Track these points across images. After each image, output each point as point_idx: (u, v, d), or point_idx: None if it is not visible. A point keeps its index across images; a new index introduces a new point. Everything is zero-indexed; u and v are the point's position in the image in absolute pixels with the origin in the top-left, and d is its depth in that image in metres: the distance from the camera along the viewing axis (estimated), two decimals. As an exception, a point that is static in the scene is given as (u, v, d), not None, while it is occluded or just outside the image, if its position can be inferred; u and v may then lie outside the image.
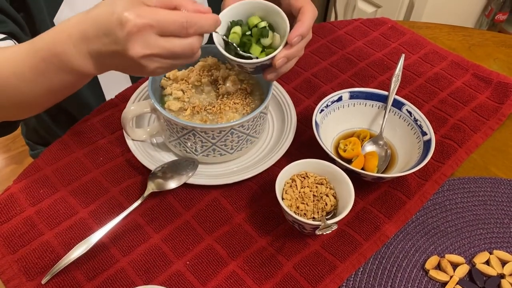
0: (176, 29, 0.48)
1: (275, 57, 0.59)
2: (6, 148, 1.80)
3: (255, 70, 0.62)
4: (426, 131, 0.70)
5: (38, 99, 0.58)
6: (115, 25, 0.47)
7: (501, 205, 0.69)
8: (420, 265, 0.62)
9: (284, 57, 0.59)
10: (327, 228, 0.56)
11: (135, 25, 0.46)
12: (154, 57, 0.49)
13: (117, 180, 0.69)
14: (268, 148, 0.73)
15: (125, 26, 0.46)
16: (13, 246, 0.61)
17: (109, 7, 0.48)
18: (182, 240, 0.63)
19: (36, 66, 0.53)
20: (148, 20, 0.47)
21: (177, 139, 0.67)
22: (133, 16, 0.46)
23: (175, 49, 0.49)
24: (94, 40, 0.49)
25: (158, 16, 0.47)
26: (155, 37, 0.48)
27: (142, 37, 0.47)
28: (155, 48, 0.48)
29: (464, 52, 0.96)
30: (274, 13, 0.62)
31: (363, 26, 0.99)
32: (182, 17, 0.48)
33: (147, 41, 0.48)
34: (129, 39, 0.47)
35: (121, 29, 0.47)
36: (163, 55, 0.49)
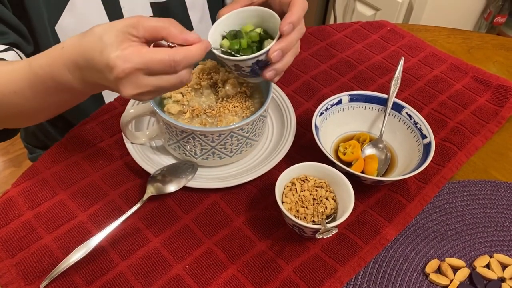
0: (164, 69, 0.49)
1: (269, 51, 0.58)
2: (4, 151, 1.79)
3: (252, 70, 0.61)
4: (426, 134, 0.70)
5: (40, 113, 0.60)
6: (104, 68, 0.48)
7: (501, 208, 0.69)
8: (420, 269, 0.62)
9: (279, 50, 0.58)
10: (327, 232, 0.56)
11: (123, 70, 0.47)
12: (145, 93, 0.51)
13: (116, 183, 0.68)
14: (268, 151, 0.72)
15: (113, 71, 0.48)
16: (12, 250, 0.61)
17: (98, 42, 0.48)
18: (181, 244, 0.62)
19: (35, 86, 0.54)
20: (134, 64, 0.48)
21: (176, 142, 0.67)
22: (120, 62, 0.47)
23: (165, 85, 0.51)
24: (87, 71, 0.50)
25: (145, 59, 0.48)
26: (143, 78, 0.49)
27: (131, 80, 0.49)
28: (145, 87, 0.50)
29: (463, 55, 0.96)
30: (268, 17, 0.62)
31: (362, 29, 0.99)
32: (169, 56, 0.49)
33: (137, 82, 0.49)
34: (118, 83, 0.49)
35: (110, 72, 0.48)
36: (154, 91, 0.51)
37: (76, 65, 0.50)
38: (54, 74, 0.52)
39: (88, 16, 0.73)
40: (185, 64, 0.50)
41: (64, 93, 0.54)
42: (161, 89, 0.51)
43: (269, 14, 0.62)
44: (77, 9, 0.72)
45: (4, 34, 0.64)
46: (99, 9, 0.74)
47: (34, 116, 0.61)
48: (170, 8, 0.82)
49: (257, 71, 0.62)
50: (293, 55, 0.62)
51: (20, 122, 0.65)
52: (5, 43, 0.63)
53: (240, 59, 0.59)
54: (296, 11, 0.59)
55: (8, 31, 0.64)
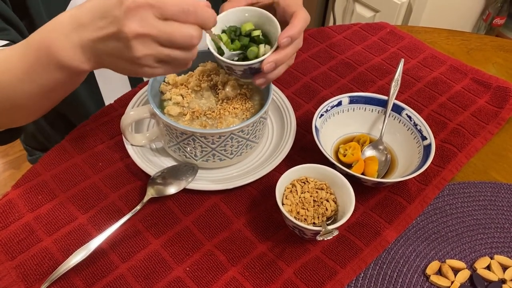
0: (177, 13, 0.46)
1: (263, 61, 0.59)
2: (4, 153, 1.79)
3: (243, 73, 0.62)
4: (426, 135, 0.70)
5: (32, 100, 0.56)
6: (113, 5, 0.45)
7: (501, 209, 0.69)
8: (421, 271, 0.62)
9: (272, 62, 0.58)
10: (328, 234, 0.56)
11: (134, 1, 0.44)
12: (149, 39, 0.46)
13: (116, 185, 0.68)
14: (268, 153, 0.72)
15: (123, 3, 0.45)
16: (12, 252, 0.60)
17: None
18: (181, 246, 0.62)
19: (28, 63, 0.51)
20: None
21: (176, 144, 0.67)
22: None
23: (174, 34, 0.46)
24: (88, 27, 0.47)
25: None
26: (153, 18, 0.45)
27: (139, 15, 0.45)
28: (152, 28, 0.45)
29: (462, 57, 0.96)
30: (268, 21, 0.62)
31: (361, 31, 0.99)
32: (184, 2, 0.46)
33: (145, 19, 0.45)
34: (126, 16, 0.45)
35: (120, 6, 0.45)
36: (160, 39, 0.46)
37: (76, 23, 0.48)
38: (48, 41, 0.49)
39: None
40: (197, 18, 0.47)
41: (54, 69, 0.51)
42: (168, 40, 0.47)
43: (270, 19, 0.62)
44: None
45: (5, 30, 0.63)
46: None
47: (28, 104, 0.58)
48: None
49: (248, 75, 0.63)
50: (286, 67, 0.62)
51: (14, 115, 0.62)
52: (5, 39, 0.63)
53: (233, 63, 0.60)
54: (297, 25, 0.59)
55: (9, 28, 0.64)
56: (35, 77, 0.52)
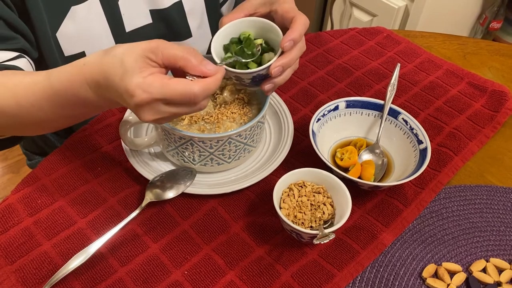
0: (184, 101, 0.50)
1: (271, 66, 0.60)
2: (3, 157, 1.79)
3: (252, 81, 0.63)
4: (422, 139, 0.71)
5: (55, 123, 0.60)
6: (124, 92, 0.49)
7: (497, 213, 0.70)
8: (417, 274, 0.62)
9: (279, 66, 0.60)
10: (325, 238, 0.56)
11: (142, 100, 0.48)
12: (164, 119, 0.52)
13: (115, 190, 0.69)
14: (266, 157, 0.73)
15: (132, 98, 0.48)
16: (11, 256, 0.61)
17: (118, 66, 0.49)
18: (180, 249, 0.63)
19: (53, 100, 0.54)
20: (154, 95, 0.48)
21: (175, 149, 0.67)
22: (140, 91, 0.48)
23: (184, 112, 0.52)
24: (107, 90, 0.51)
25: (164, 91, 0.48)
26: (163, 106, 0.50)
27: (150, 107, 0.50)
28: (164, 114, 0.51)
29: (459, 61, 0.97)
30: (270, 29, 0.63)
31: (358, 36, 1.00)
32: (189, 90, 0.49)
33: (157, 110, 0.50)
34: (138, 109, 0.50)
35: (130, 98, 0.49)
36: (173, 117, 0.53)
37: (97, 83, 0.51)
38: (74, 90, 0.52)
39: (89, 23, 0.74)
40: (204, 97, 0.51)
41: (83, 107, 0.55)
42: (180, 115, 0.53)
43: (271, 26, 0.63)
44: (78, 16, 0.72)
45: (14, 39, 0.64)
46: (100, 16, 0.74)
47: (48, 126, 0.62)
48: (170, 15, 0.83)
49: (256, 83, 0.64)
50: (292, 71, 0.64)
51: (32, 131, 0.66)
52: (15, 48, 0.64)
53: (242, 72, 0.60)
54: (297, 28, 0.60)
55: (17, 36, 0.65)
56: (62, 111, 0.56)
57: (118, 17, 0.77)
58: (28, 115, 0.57)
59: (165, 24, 0.83)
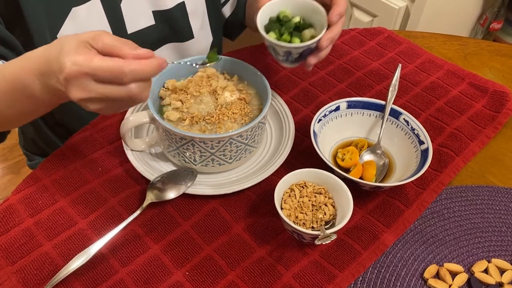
0: (111, 78, 0.50)
1: (321, 39, 0.64)
2: (3, 157, 1.79)
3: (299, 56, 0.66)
4: (423, 140, 0.71)
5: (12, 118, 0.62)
6: (57, 69, 0.50)
7: (498, 213, 0.69)
8: (419, 274, 0.62)
9: (328, 39, 0.64)
10: (326, 238, 0.56)
11: (70, 72, 0.49)
12: (93, 100, 0.51)
13: (116, 190, 0.69)
14: (267, 158, 0.73)
15: (62, 72, 0.49)
16: (12, 257, 0.61)
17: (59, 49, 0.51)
18: (181, 250, 0.63)
19: (6, 91, 0.57)
20: (82, 68, 0.49)
21: (176, 149, 0.67)
22: (69, 64, 0.49)
23: (111, 94, 0.51)
24: (47, 76, 0.53)
25: (92, 64, 0.49)
26: (91, 83, 0.50)
27: (78, 83, 0.50)
28: (92, 92, 0.50)
29: (460, 61, 0.96)
30: (309, 8, 0.67)
31: (359, 36, 1.00)
32: (115, 66, 0.49)
33: (84, 86, 0.50)
34: (67, 84, 0.50)
35: (60, 74, 0.50)
36: (101, 99, 0.51)
37: (40, 71, 0.53)
38: (24, 82, 0.55)
39: (90, 25, 0.74)
40: (133, 77, 0.50)
41: (29, 100, 0.57)
42: (110, 99, 0.51)
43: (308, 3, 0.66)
44: (79, 17, 0.72)
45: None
46: (101, 17, 0.74)
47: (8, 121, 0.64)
48: (172, 16, 0.82)
49: (302, 58, 0.67)
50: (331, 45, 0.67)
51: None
52: None
53: (294, 46, 0.64)
54: (341, 3, 0.64)
55: None
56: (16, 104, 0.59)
57: (120, 19, 0.77)
58: None
59: (167, 25, 0.83)
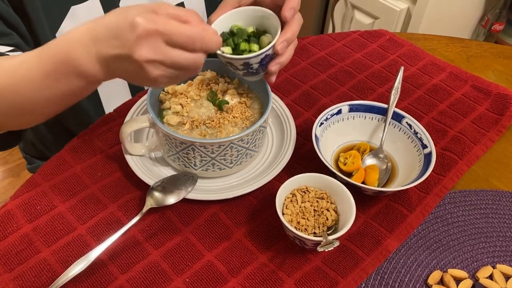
0: (184, 42, 0.49)
1: (276, 42, 0.60)
2: (3, 161, 1.79)
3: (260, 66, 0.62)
4: (426, 144, 0.70)
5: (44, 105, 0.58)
6: (126, 28, 0.48)
7: (503, 218, 0.69)
8: (422, 280, 0.61)
9: (284, 41, 0.60)
10: (328, 245, 0.55)
11: (145, 29, 0.47)
12: (158, 63, 0.50)
13: (115, 195, 0.68)
14: (268, 162, 0.72)
15: (135, 29, 0.48)
16: (10, 264, 0.60)
17: (123, 13, 0.49)
18: (181, 256, 0.62)
19: (46, 70, 0.53)
20: (158, 27, 0.48)
21: (176, 154, 0.66)
22: (144, 21, 0.48)
23: (180, 60, 0.50)
24: (104, 42, 0.50)
25: (168, 26, 0.48)
26: (162, 45, 0.49)
27: (149, 42, 0.48)
28: (160, 55, 0.49)
29: (462, 64, 0.96)
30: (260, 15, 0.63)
31: (361, 38, 0.99)
32: (191, 31, 0.49)
33: (154, 46, 0.49)
34: (137, 42, 0.48)
35: (132, 32, 0.48)
36: (167, 63, 0.50)
37: (94, 38, 0.50)
38: (67, 54, 0.51)
39: None
40: (204, 46, 0.51)
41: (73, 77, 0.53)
42: (175, 64, 0.50)
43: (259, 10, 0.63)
44: (79, 16, 0.72)
45: (9, 35, 0.64)
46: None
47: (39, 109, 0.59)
48: None
49: (262, 68, 0.63)
50: (293, 48, 0.64)
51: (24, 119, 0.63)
52: (10, 43, 0.63)
53: (250, 56, 0.60)
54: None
55: (12, 32, 0.64)
56: (52, 85, 0.54)
57: None
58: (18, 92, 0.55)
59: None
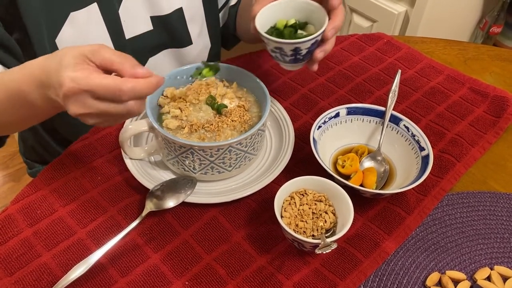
0: (109, 96, 0.51)
1: (326, 29, 0.63)
2: (4, 165, 1.79)
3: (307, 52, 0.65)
4: (424, 146, 0.70)
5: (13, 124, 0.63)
6: (56, 84, 0.51)
7: (500, 219, 0.69)
8: (421, 282, 0.61)
9: (332, 28, 0.63)
10: (326, 248, 0.56)
11: (69, 89, 0.50)
12: (91, 115, 0.52)
13: (115, 199, 0.68)
14: (267, 165, 0.72)
15: (61, 88, 0.50)
16: (10, 268, 0.60)
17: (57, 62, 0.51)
18: (181, 259, 0.62)
19: (7, 99, 0.58)
20: (80, 86, 0.50)
21: (175, 157, 0.67)
22: (68, 81, 0.49)
23: (110, 111, 0.52)
24: (47, 88, 0.53)
25: (91, 82, 0.50)
26: (90, 100, 0.51)
27: (77, 99, 0.51)
28: (90, 109, 0.51)
29: (460, 66, 0.96)
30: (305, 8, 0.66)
31: (359, 42, 0.99)
32: (115, 85, 0.50)
33: (82, 102, 0.51)
34: (66, 100, 0.51)
35: (60, 89, 0.51)
36: (99, 114, 0.52)
37: (40, 82, 0.54)
38: (24, 90, 0.55)
39: (88, 30, 0.74)
40: (131, 95, 0.51)
41: (29, 108, 0.57)
42: (108, 115, 0.52)
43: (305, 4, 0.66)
44: (78, 22, 0.72)
45: None
46: (100, 22, 0.74)
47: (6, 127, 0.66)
48: (170, 21, 0.82)
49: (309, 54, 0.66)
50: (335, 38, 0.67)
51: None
52: None
53: (302, 40, 0.63)
54: None
55: None
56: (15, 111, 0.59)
57: (118, 24, 0.77)
58: None
59: (166, 31, 0.83)
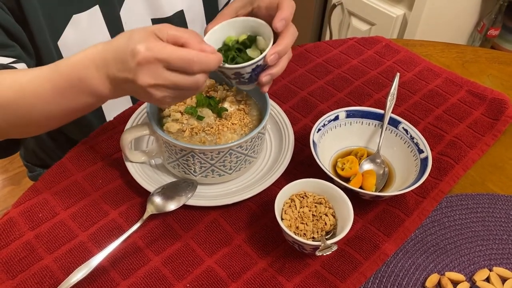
0: (182, 66, 0.52)
1: (266, 54, 0.59)
2: (3, 169, 1.79)
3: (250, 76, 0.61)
4: (422, 148, 0.71)
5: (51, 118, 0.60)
6: (128, 55, 0.51)
7: (499, 221, 0.69)
8: (420, 284, 0.62)
9: (275, 53, 0.59)
10: (327, 249, 0.56)
11: (144, 57, 0.50)
12: (160, 87, 0.52)
13: (116, 202, 0.69)
14: (267, 168, 0.73)
15: (135, 57, 0.50)
16: (12, 271, 0.60)
17: (127, 38, 0.52)
18: (182, 262, 0.62)
19: (58, 87, 0.56)
20: (156, 54, 0.50)
21: (175, 161, 0.67)
22: (143, 49, 0.50)
23: (180, 83, 0.53)
24: (113, 65, 0.53)
25: (166, 52, 0.51)
26: (162, 70, 0.51)
27: (150, 69, 0.51)
28: (161, 79, 0.52)
29: (458, 69, 0.97)
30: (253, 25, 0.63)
31: (357, 45, 1.00)
32: (188, 56, 0.51)
33: (155, 72, 0.51)
34: (138, 69, 0.51)
35: (133, 59, 0.51)
36: (169, 86, 0.53)
37: (104, 61, 0.53)
38: (81, 74, 0.54)
39: (90, 32, 0.74)
40: (202, 67, 0.52)
41: (85, 95, 0.56)
42: (177, 87, 0.53)
43: (253, 21, 0.63)
44: (80, 25, 0.73)
45: (11, 46, 0.65)
46: (101, 25, 0.75)
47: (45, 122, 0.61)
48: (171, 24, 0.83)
49: (254, 77, 0.62)
50: (287, 60, 0.63)
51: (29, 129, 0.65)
52: (13, 55, 0.64)
53: (240, 66, 0.60)
54: (286, 8, 0.61)
55: (14, 44, 0.66)
56: (64, 101, 0.57)
57: (119, 26, 0.78)
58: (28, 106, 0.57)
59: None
